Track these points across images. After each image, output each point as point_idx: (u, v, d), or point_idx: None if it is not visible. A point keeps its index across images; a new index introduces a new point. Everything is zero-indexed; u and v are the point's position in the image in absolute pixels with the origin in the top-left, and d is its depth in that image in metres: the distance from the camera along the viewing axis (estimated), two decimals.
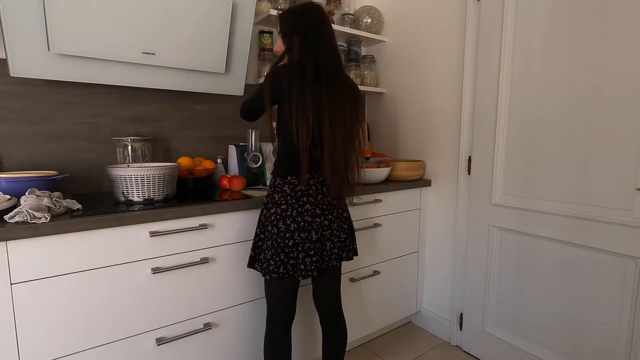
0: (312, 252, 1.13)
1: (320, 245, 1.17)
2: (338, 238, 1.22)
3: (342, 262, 1.43)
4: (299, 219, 1.12)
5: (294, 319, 1.27)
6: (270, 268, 1.12)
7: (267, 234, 1.15)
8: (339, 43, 2.10)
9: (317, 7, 1.18)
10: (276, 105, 1.16)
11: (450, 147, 1.84)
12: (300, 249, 1.12)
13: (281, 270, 1.12)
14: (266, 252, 1.14)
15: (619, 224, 1.26)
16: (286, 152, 1.14)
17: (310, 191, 1.14)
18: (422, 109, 1.98)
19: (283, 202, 1.13)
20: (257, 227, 1.20)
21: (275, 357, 1.21)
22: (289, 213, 1.12)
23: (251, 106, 1.22)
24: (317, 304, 1.31)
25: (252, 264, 1.21)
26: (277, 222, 1.13)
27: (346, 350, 1.81)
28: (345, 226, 1.25)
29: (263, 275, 1.15)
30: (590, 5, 1.29)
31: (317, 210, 1.15)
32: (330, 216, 1.18)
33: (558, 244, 1.43)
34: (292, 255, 1.13)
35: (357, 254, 1.31)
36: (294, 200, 1.13)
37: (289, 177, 1.14)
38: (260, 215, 1.20)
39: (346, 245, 1.25)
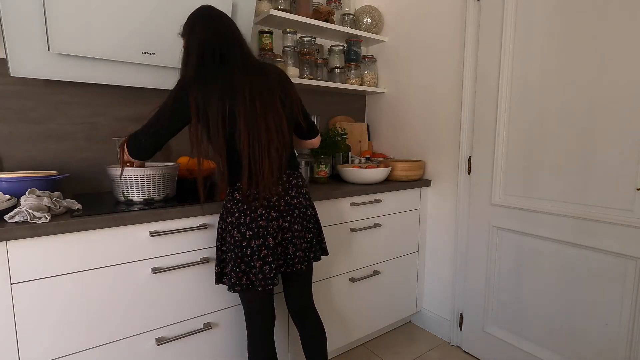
0: (270, 259, 1.06)
1: (282, 249, 1.12)
2: (303, 239, 1.15)
3: (314, 263, 1.36)
4: (253, 226, 1.06)
5: (275, 324, 1.22)
6: (233, 281, 1.05)
7: (227, 245, 1.10)
8: (339, 43, 2.12)
9: (202, 8, 1.14)
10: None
11: (450, 147, 1.84)
12: (256, 257, 1.06)
13: (244, 281, 1.06)
14: (229, 263, 1.08)
15: (619, 224, 1.26)
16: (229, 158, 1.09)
17: (248, 200, 1.07)
18: (422, 109, 1.98)
19: (235, 210, 1.07)
20: (217, 240, 1.14)
21: None
22: (242, 220, 1.06)
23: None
24: (289, 307, 1.28)
25: (219, 279, 1.13)
26: (232, 231, 1.06)
27: (345, 350, 1.81)
28: (311, 225, 1.18)
29: (228, 289, 1.08)
30: (591, 4, 1.29)
31: (272, 213, 1.08)
32: (289, 217, 1.11)
33: (558, 244, 1.43)
34: (252, 264, 1.06)
35: (326, 254, 1.26)
36: (245, 206, 1.06)
37: (237, 184, 1.08)
38: (218, 227, 1.14)
39: (312, 245, 1.18)
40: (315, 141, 1.35)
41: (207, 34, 1.08)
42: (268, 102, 1.08)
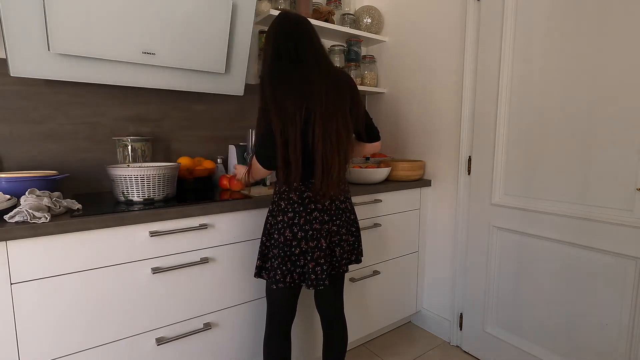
0: (322, 261, 1.10)
1: (329, 251, 1.15)
2: (347, 242, 1.20)
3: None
4: (307, 227, 1.09)
5: (294, 320, 1.26)
6: (277, 277, 1.09)
7: (273, 241, 1.12)
8: (339, 43, 2.12)
9: (279, 14, 1.16)
10: None
11: (450, 147, 1.84)
12: (309, 258, 1.09)
13: (288, 279, 1.10)
14: (273, 260, 1.11)
15: (619, 224, 1.26)
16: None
17: (318, 197, 1.10)
18: (422, 109, 1.98)
19: (290, 210, 1.10)
20: (263, 235, 1.18)
21: (274, 359, 1.20)
22: (296, 221, 1.09)
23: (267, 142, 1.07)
24: (319, 307, 1.30)
25: (259, 273, 1.17)
26: (284, 230, 1.10)
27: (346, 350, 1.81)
28: (353, 229, 1.23)
29: (270, 285, 1.12)
30: (591, 5, 1.29)
31: (325, 217, 1.12)
32: (338, 221, 1.15)
33: (558, 244, 1.43)
34: (298, 263, 1.11)
35: (362, 255, 1.29)
36: (301, 208, 1.10)
37: (295, 184, 1.10)
38: (266, 222, 1.18)
39: (354, 248, 1.24)
40: (378, 144, 1.32)
41: (280, 36, 1.12)
42: (339, 105, 1.10)
